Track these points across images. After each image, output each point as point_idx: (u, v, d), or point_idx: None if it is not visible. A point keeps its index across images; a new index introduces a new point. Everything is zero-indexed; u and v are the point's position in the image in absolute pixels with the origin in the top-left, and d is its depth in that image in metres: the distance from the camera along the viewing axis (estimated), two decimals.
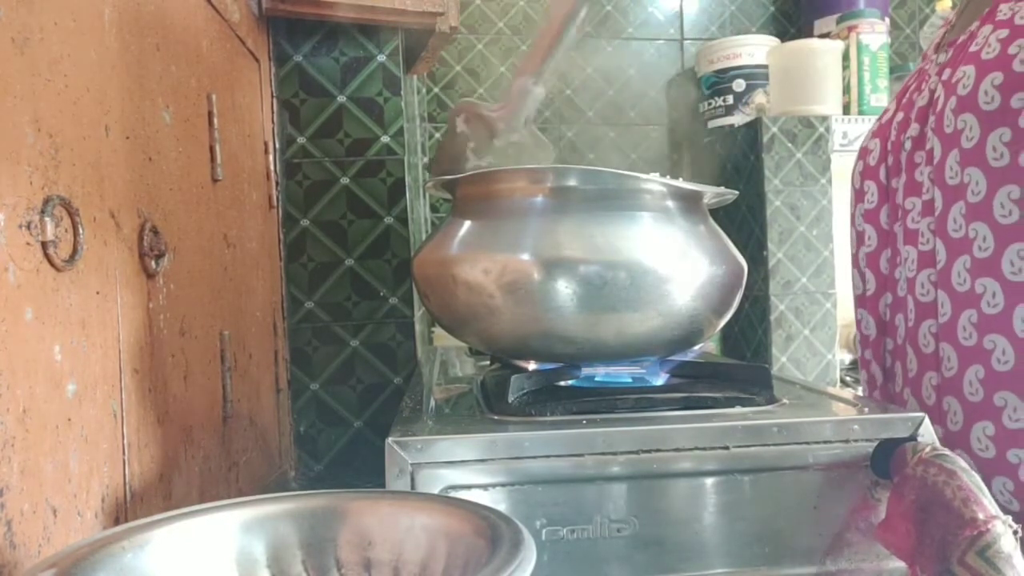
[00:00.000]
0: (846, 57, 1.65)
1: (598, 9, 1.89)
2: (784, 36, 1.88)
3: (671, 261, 0.60)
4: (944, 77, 0.71)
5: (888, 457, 0.54)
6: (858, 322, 0.85)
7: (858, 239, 0.84)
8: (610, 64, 1.89)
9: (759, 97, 1.74)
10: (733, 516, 0.54)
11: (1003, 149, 0.62)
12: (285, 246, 1.03)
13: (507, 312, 0.61)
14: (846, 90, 1.66)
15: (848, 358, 1.77)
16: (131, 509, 0.54)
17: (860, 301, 0.85)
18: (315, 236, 1.03)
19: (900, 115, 0.78)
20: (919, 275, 0.72)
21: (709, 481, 0.54)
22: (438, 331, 1.38)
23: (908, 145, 0.75)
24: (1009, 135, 0.62)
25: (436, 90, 1.83)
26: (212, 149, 0.75)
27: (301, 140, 1.03)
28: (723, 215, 1.65)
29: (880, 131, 0.82)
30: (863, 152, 0.84)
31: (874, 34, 1.65)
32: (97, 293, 0.50)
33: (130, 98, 0.57)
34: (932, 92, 0.72)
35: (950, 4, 1.68)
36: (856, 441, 0.55)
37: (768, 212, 1.57)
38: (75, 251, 0.47)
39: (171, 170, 0.65)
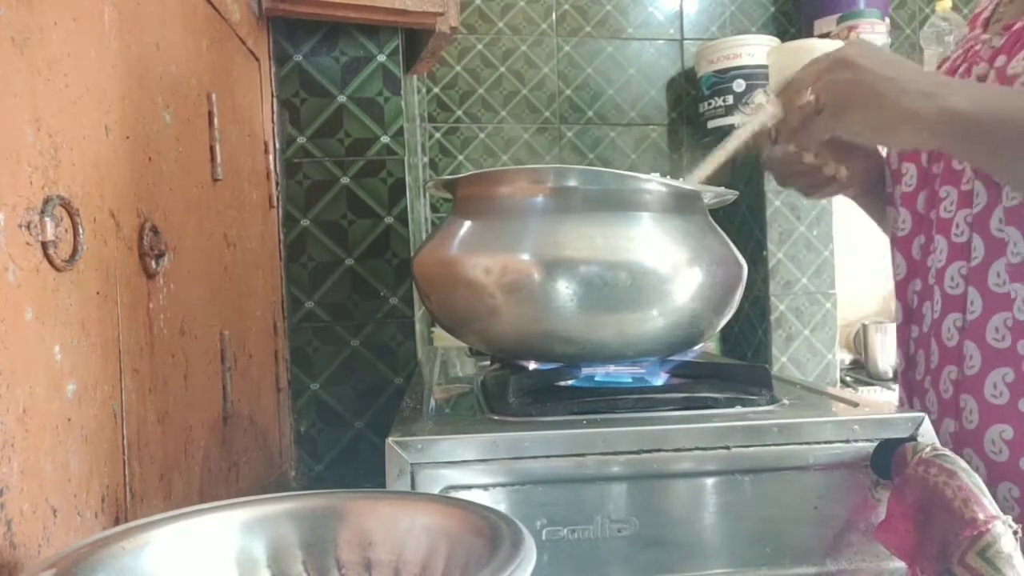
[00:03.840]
0: None
1: (598, 9, 1.89)
2: (784, 36, 1.87)
3: (671, 261, 0.60)
4: (997, 64, 0.66)
5: (888, 457, 0.54)
6: (898, 307, 0.81)
7: (893, 222, 0.80)
8: (610, 64, 1.89)
9: (759, 97, 1.73)
10: (733, 516, 0.54)
11: None
12: (285, 246, 1.03)
13: (507, 312, 0.61)
14: None
15: (848, 358, 1.77)
16: (131, 509, 0.54)
17: (896, 286, 0.80)
18: (315, 236, 1.03)
19: None
20: (949, 267, 0.70)
21: (709, 481, 0.54)
22: (438, 331, 1.38)
23: None
24: None
25: (436, 90, 1.82)
26: (212, 149, 0.75)
27: (301, 140, 1.03)
28: (723, 215, 1.65)
29: None
30: None
31: (874, 34, 1.65)
32: (97, 293, 0.50)
33: (130, 98, 0.57)
34: (982, 79, 0.68)
35: (950, 4, 1.68)
36: (856, 441, 0.55)
37: (768, 212, 1.57)
38: (75, 251, 0.47)
39: (171, 170, 0.65)
